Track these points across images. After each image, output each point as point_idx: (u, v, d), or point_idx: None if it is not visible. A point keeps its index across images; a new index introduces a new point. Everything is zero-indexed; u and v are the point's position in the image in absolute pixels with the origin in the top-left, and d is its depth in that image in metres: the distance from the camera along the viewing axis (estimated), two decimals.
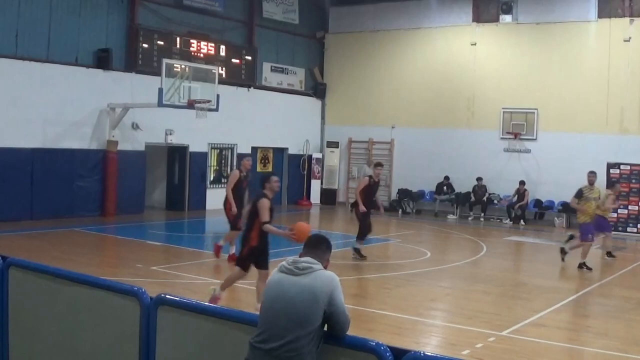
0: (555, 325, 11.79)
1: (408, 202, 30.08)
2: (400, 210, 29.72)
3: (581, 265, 17.42)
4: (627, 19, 26.78)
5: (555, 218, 27.73)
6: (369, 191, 17.69)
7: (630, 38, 26.58)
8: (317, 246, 5.48)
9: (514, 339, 10.73)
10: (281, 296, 5.12)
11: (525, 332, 11.11)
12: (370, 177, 17.96)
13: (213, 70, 24.33)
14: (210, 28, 28.05)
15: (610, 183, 20.73)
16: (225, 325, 5.63)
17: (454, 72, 30.16)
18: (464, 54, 30.02)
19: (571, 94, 27.60)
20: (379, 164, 18.53)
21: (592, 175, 17.92)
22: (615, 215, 26.64)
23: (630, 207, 26.27)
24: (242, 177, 16.63)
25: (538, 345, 10.51)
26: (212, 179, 28.31)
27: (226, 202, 16.53)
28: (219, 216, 26.06)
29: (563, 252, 18.34)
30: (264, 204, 11.06)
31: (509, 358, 9.77)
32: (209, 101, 23.16)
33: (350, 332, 5.13)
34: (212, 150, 28.27)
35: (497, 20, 29.59)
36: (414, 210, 30.17)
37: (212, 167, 28.33)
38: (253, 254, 11.25)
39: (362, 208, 17.36)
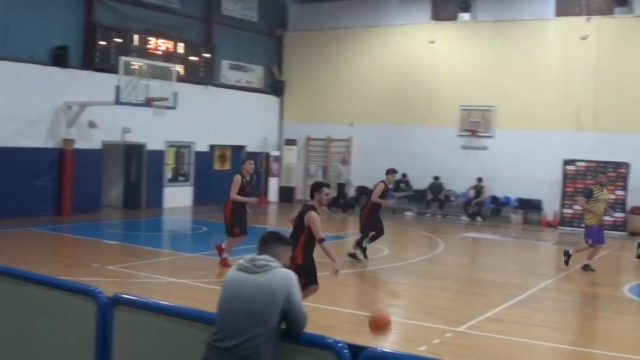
0: (511, 320, 11.91)
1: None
2: (359, 207, 29.71)
3: (567, 257, 17.44)
4: (585, 17, 27.10)
5: (512, 214, 28.04)
6: (383, 197, 17.38)
7: (587, 36, 26.91)
8: (272, 244, 5.47)
9: (470, 335, 10.83)
10: (239, 294, 5.13)
11: (481, 328, 11.21)
12: (384, 182, 17.58)
13: (171, 68, 24.19)
14: (169, 25, 27.88)
15: None
16: (182, 324, 5.62)
17: (413, 70, 30.30)
18: (423, 52, 30.16)
19: (529, 91, 27.89)
20: (392, 170, 17.87)
21: (603, 176, 17.71)
22: (571, 211, 27.05)
23: None
24: (244, 182, 15.56)
25: (494, 340, 10.61)
26: (169, 177, 28.17)
27: (226, 207, 15.66)
28: (176, 215, 26.10)
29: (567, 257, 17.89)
30: (315, 219, 10.06)
31: (466, 353, 9.86)
32: (166, 99, 23.04)
33: (308, 329, 5.15)
34: (170, 148, 28.10)
35: (455, 18, 29.81)
36: None
37: (169, 166, 28.17)
38: (300, 273, 10.23)
39: (387, 203, 17.61)
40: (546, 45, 27.97)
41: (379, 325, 9.50)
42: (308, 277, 10.20)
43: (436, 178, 29.09)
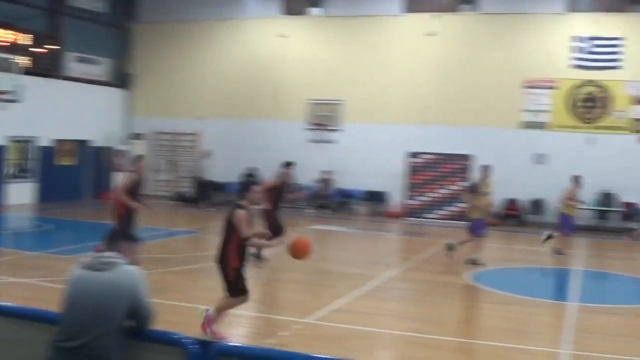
0: (360, 310, 12.14)
1: (215, 194, 29.98)
2: (207, 201, 29.57)
3: (474, 262, 17.18)
4: (432, 14, 27.94)
5: (359, 206, 28.56)
6: (276, 192, 16.53)
7: (434, 33, 27.73)
8: (118, 240, 5.41)
9: (319, 326, 10.97)
10: (84, 293, 5.04)
11: (330, 319, 11.38)
12: (280, 176, 16.94)
13: (13, 60, 23.35)
14: (13, 16, 26.67)
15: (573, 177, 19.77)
16: (25, 326, 5.46)
17: (264, 64, 30.38)
18: (274, 46, 30.25)
19: (377, 86, 28.50)
20: (289, 163, 17.14)
21: (486, 169, 17.90)
22: (416, 202, 27.81)
23: (429, 195, 27.48)
24: (139, 180, 14.94)
25: (343, 330, 10.78)
26: (11, 173, 27.16)
27: (118, 207, 14.72)
28: (18, 212, 25.21)
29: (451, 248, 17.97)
30: (241, 216, 9.53)
31: (315, 344, 9.97)
32: (8, 92, 22.26)
33: (157, 326, 5.12)
34: (11, 143, 27.08)
35: (306, 12, 30.08)
36: (221, 202, 30.11)
37: (10, 161, 27.16)
38: (240, 276, 9.66)
39: (267, 205, 16.22)
40: (394, 41, 28.65)
41: (300, 250, 9.58)
42: (237, 285, 9.72)
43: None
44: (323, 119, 29.15)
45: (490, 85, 27.20)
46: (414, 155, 27.84)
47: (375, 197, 28.49)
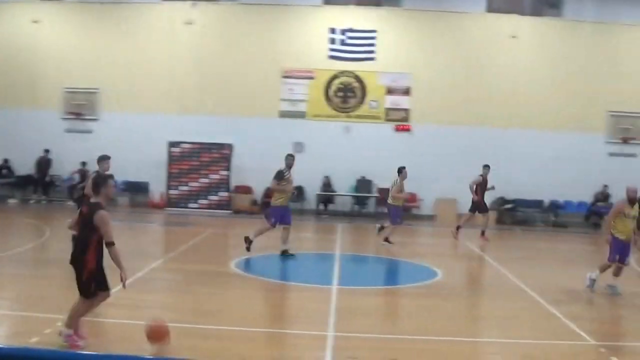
0: (123, 303, 11.88)
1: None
2: None
3: (248, 241, 17.49)
4: (190, 3, 27.83)
5: (119, 197, 28.03)
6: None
7: (192, 21, 27.66)
8: None
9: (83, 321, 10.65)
10: None
11: (94, 313, 11.07)
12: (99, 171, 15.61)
13: None
14: None
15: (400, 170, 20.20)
16: None
17: (17, 50, 29.05)
18: (27, 32, 28.95)
19: (135, 74, 28.09)
20: (104, 157, 15.84)
21: (291, 158, 17.72)
22: (177, 192, 27.67)
23: (190, 184, 27.46)
24: None
25: (108, 324, 10.61)
26: None
27: None
28: None
29: (248, 241, 17.70)
30: (105, 218, 9.07)
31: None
32: None
33: None
34: None
35: None
36: None
37: None
38: (94, 278, 9.35)
39: None
40: (152, 29, 28.38)
41: (157, 334, 9.06)
42: (100, 279, 9.43)
43: (42, 160, 28.20)
44: (80, 108, 28.32)
45: (249, 74, 27.59)
46: (175, 144, 27.69)
47: (136, 188, 28.10)
